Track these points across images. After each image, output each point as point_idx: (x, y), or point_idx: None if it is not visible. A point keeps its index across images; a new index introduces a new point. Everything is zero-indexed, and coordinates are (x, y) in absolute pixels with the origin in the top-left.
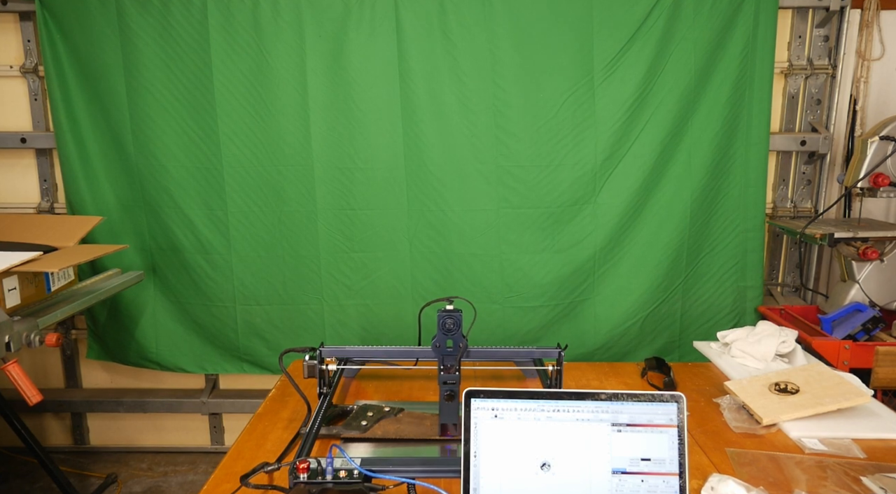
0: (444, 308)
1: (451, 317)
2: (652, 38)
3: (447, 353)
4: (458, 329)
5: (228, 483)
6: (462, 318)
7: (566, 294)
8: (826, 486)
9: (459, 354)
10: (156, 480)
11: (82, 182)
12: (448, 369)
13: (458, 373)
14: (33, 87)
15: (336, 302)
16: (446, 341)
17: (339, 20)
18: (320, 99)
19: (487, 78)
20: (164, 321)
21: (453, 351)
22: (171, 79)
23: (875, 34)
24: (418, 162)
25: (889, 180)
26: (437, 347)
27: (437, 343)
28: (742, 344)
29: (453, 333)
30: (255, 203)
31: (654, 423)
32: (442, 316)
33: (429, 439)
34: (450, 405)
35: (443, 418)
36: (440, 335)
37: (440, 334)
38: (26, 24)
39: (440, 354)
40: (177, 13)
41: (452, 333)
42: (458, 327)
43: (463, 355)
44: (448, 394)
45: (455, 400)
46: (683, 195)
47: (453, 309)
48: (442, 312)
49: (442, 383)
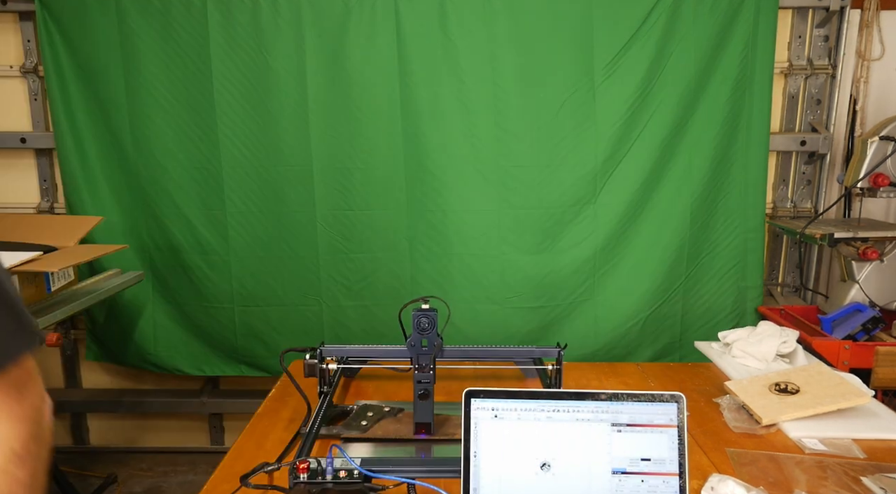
0: (420, 307)
1: (426, 317)
2: (652, 38)
3: (422, 352)
4: (433, 328)
5: (228, 483)
6: (437, 318)
7: (567, 294)
8: (826, 486)
9: (433, 353)
10: (156, 480)
11: (82, 182)
12: (422, 368)
13: (432, 372)
14: (33, 88)
15: (335, 303)
16: (421, 340)
17: (340, 20)
18: (320, 99)
19: (487, 78)
20: (163, 322)
21: (428, 349)
22: (170, 79)
23: (875, 34)
24: (418, 162)
25: (889, 180)
26: (412, 346)
27: (412, 342)
28: (743, 345)
29: (428, 332)
30: (254, 203)
31: (655, 423)
32: (417, 315)
33: (428, 439)
34: (424, 404)
35: (417, 417)
36: (415, 334)
37: (415, 333)
38: (26, 24)
39: (415, 353)
40: (177, 13)
41: (427, 332)
42: (432, 326)
43: (437, 354)
44: (422, 393)
45: (429, 399)
46: (684, 195)
47: (428, 309)
48: (417, 312)
49: (416, 382)
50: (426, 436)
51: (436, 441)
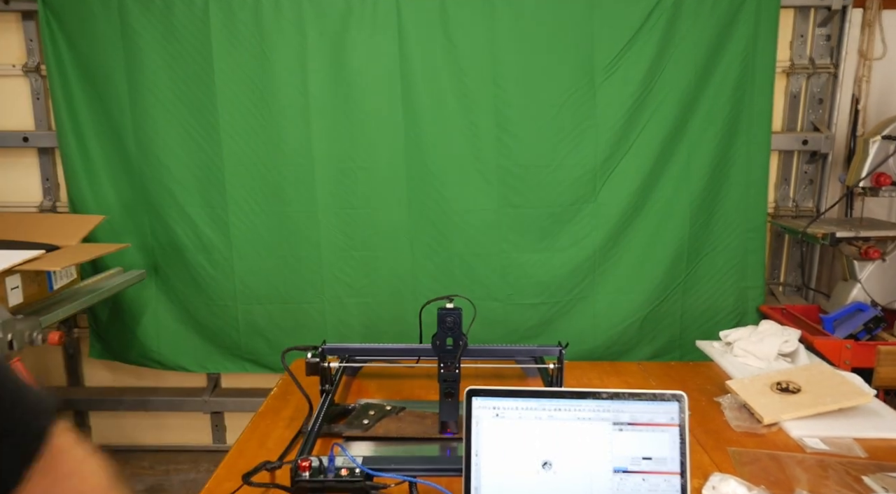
0: (445, 306)
1: (451, 315)
2: (653, 38)
3: (447, 351)
4: (458, 327)
5: (230, 481)
6: (462, 316)
7: (566, 292)
8: (827, 485)
9: (459, 352)
10: (158, 478)
11: (84, 181)
12: (448, 367)
13: (458, 371)
14: (35, 87)
15: (337, 301)
16: (446, 339)
17: (341, 19)
18: (321, 98)
19: (488, 77)
20: (166, 320)
21: (453, 349)
22: (172, 78)
23: (877, 33)
24: (419, 161)
25: (891, 179)
26: (436, 345)
27: (437, 341)
28: (744, 344)
29: (453, 331)
30: (256, 202)
31: (656, 422)
32: (442, 314)
33: (430, 437)
34: (449, 403)
35: (443, 416)
36: (440, 333)
37: (440, 332)
38: (28, 23)
39: (440, 352)
40: (179, 12)
41: (452, 331)
42: (457, 325)
43: (463, 353)
44: (448, 392)
45: (455, 398)
46: (683, 194)
47: (453, 308)
48: (442, 310)
49: (442, 381)
50: (452, 435)
51: (438, 440)
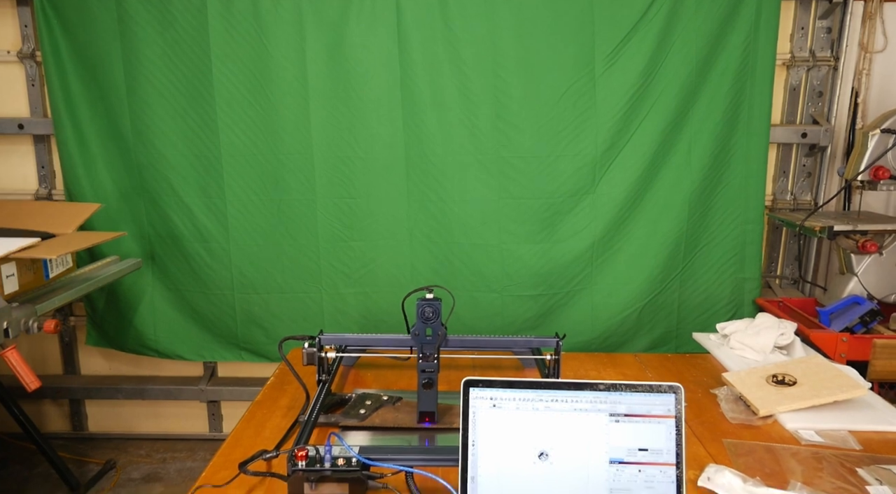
0: (424, 297)
1: (431, 306)
2: (653, 29)
3: (426, 342)
4: (437, 318)
5: (227, 469)
6: (441, 307)
7: (564, 283)
8: (822, 477)
9: (438, 342)
10: (154, 466)
11: (80, 169)
12: (427, 357)
13: (436, 361)
14: (31, 73)
15: (335, 291)
16: (425, 329)
17: (340, 8)
18: (320, 88)
19: (488, 68)
20: (163, 308)
21: (432, 339)
22: (169, 66)
23: (878, 26)
24: (419, 152)
25: (889, 173)
26: (415, 336)
27: (416, 331)
28: (741, 336)
29: (432, 322)
30: (254, 191)
31: (652, 414)
32: (421, 305)
33: (429, 428)
34: (428, 393)
35: (421, 406)
36: (419, 323)
37: (419, 323)
38: (23, 9)
39: (419, 342)
40: (176, 0)
41: (431, 322)
42: (437, 316)
43: (441, 343)
44: (426, 382)
45: (433, 388)
46: (683, 186)
47: (433, 298)
48: (421, 301)
49: (420, 371)
50: (430, 425)
51: (436, 430)
